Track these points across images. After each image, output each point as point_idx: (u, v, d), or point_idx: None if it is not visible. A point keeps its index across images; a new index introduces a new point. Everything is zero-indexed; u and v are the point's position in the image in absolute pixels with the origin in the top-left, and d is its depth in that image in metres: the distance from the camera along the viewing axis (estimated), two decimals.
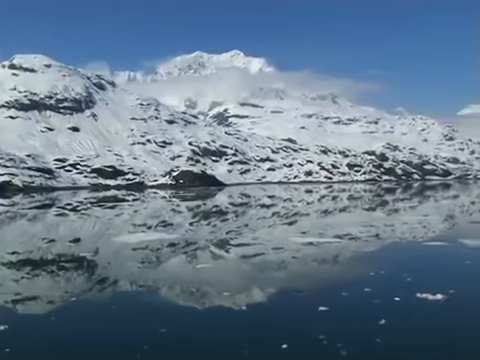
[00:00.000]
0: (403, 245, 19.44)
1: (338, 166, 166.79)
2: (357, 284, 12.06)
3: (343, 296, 10.93)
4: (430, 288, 10.97)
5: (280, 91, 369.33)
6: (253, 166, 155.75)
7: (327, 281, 12.85)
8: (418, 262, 15.53)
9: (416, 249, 18.32)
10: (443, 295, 10.52)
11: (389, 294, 10.82)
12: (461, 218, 31.63)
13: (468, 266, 14.40)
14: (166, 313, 10.29)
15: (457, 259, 15.64)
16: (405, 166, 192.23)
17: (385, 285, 11.99)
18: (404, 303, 10.29)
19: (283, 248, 18.15)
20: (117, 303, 10.84)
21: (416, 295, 10.66)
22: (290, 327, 9.09)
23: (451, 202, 51.17)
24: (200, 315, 10.04)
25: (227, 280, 13.22)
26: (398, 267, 14.35)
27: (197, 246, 19.66)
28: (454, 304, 10.15)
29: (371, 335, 8.47)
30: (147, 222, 29.54)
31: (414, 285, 11.63)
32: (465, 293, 11.07)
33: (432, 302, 10.25)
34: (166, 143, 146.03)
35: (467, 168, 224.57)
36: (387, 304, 10.25)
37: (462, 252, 16.91)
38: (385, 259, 16.41)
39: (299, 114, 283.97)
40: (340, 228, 24.89)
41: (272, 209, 41.41)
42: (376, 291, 11.23)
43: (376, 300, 10.53)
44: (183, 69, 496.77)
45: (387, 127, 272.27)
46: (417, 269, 14.12)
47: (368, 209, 41.64)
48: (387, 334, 8.51)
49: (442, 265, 14.97)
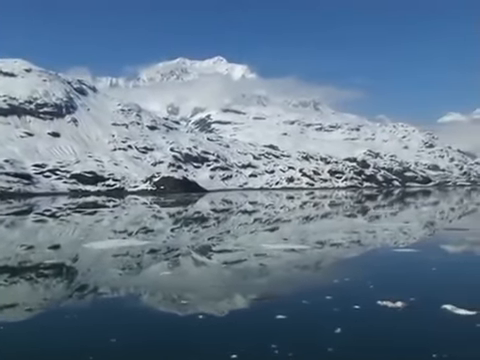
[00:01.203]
0: (376, 252, 19.34)
1: (320, 173, 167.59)
2: (320, 292, 11.90)
3: (303, 304, 10.77)
4: (392, 296, 10.83)
5: (262, 98, 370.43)
6: (235, 172, 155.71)
7: (293, 288, 12.64)
8: (385, 269, 15.43)
9: (387, 256, 18.20)
10: (403, 302, 10.41)
11: (350, 302, 10.67)
12: (439, 225, 31.58)
13: (433, 273, 14.33)
14: (138, 319, 10.09)
15: (424, 266, 15.54)
16: (386, 173, 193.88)
17: (348, 293, 11.84)
18: (363, 311, 10.15)
19: (263, 254, 17.92)
20: (96, 310, 10.72)
21: (377, 303, 10.51)
22: (242, 336, 8.91)
23: (431, 209, 51.48)
24: (165, 321, 9.79)
25: (198, 287, 13.01)
26: (365, 274, 14.18)
27: (178, 252, 19.38)
28: (412, 312, 10.02)
29: (323, 344, 8.27)
30: (128, 228, 29.12)
31: (376, 292, 11.48)
32: (424, 301, 10.94)
33: (391, 310, 10.12)
34: (147, 149, 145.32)
35: (447, 175, 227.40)
36: (345, 312, 10.10)
37: (431, 259, 16.86)
38: (354, 266, 16.25)
39: (281, 121, 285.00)
40: (321, 235, 24.74)
41: (254, 215, 41.14)
42: (337, 299, 11.08)
43: (335, 308, 10.35)
44: (165, 75, 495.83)
45: (368, 134, 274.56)
46: (383, 276, 14.06)
47: (349, 215, 41.61)
48: (339, 343, 8.33)
49: (408, 272, 14.75)
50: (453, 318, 9.58)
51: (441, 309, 10.03)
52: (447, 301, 10.30)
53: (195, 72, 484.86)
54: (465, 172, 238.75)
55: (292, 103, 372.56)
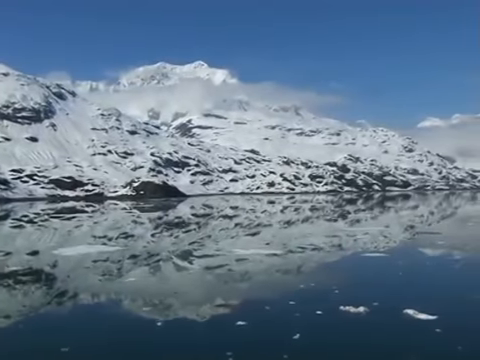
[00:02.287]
0: (349, 256, 19.36)
1: (300, 177, 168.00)
2: (286, 297, 11.81)
3: (266, 310, 10.71)
4: (355, 301, 10.78)
5: (244, 102, 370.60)
6: (216, 177, 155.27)
7: (259, 294, 12.59)
8: (354, 274, 15.43)
9: (359, 260, 18.25)
10: (365, 308, 10.36)
11: (313, 307, 10.62)
12: (415, 229, 31.81)
13: (399, 278, 14.36)
14: (114, 324, 10.13)
15: (392, 270, 15.60)
16: (366, 177, 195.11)
17: (313, 298, 11.80)
18: (324, 317, 10.10)
19: (237, 260, 17.92)
20: (71, 316, 10.73)
21: (339, 308, 10.45)
22: (199, 343, 8.84)
23: (410, 213, 51.78)
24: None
25: (165, 293, 12.93)
26: (333, 279, 14.15)
27: (159, 258, 19.35)
28: (373, 317, 9.98)
29: (279, 351, 8.19)
30: (108, 234, 29.04)
31: (341, 298, 11.42)
32: (387, 306, 10.92)
33: (353, 315, 10.05)
34: (128, 154, 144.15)
35: (426, 179, 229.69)
36: (306, 318, 10.04)
37: (400, 263, 16.94)
38: (324, 271, 16.30)
39: (262, 125, 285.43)
40: (300, 239, 24.80)
41: (235, 220, 41.12)
42: (301, 304, 11.03)
43: (297, 314, 10.29)
44: (146, 79, 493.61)
45: (349, 139, 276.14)
46: (350, 281, 14.01)
47: (330, 220, 41.75)
48: (295, 349, 8.27)
49: (376, 277, 14.86)
50: (413, 323, 9.56)
51: (402, 314, 10.01)
52: (409, 306, 10.29)
53: (176, 77, 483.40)
54: (444, 176, 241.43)
55: (273, 108, 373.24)
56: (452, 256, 18.18)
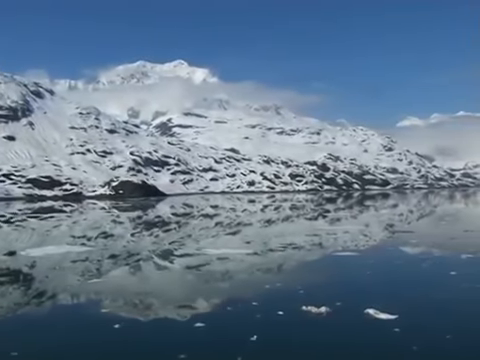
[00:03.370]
0: (321, 256, 19.41)
1: (280, 176, 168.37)
2: (249, 298, 11.73)
3: (226, 311, 10.64)
4: (318, 301, 10.70)
5: (224, 101, 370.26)
6: (196, 176, 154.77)
7: (223, 295, 12.49)
8: (321, 273, 15.37)
9: (329, 260, 18.28)
10: (327, 308, 10.30)
11: (275, 308, 10.53)
12: (391, 228, 31.91)
13: (365, 277, 14.36)
14: (90, 324, 10.08)
15: (360, 270, 15.60)
16: (346, 176, 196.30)
17: (276, 298, 11.72)
18: (284, 317, 10.00)
19: (207, 260, 17.84)
20: (52, 316, 10.68)
21: (301, 308, 10.35)
22: (153, 345, 8.71)
23: (389, 212, 52.04)
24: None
25: (126, 294, 12.73)
26: (300, 279, 14.12)
27: (139, 257, 19.24)
28: (333, 317, 9.91)
29: (233, 353, 8.06)
30: (87, 233, 28.84)
31: (304, 298, 11.34)
32: (349, 305, 10.83)
33: (313, 315, 10.00)
34: (107, 153, 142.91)
35: (405, 178, 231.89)
36: (266, 319, 9.96)
37: (369, 262, 16.99)
38: (293, 271, 16.26)
39: (243, 124, 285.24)
40: (277, 239, 24.82)
41: (215, 219, 41.09)
42: (263, 305, 10.96)
43: (258, 315, 10.21)
44: (126, 78, 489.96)
45: (329, 138, 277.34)
46: (316, 281, 13.96)
47: (310, 218, 41.81)
48: (251, 351, 8.19)
49: (342, 276, 14.76)
50: (372, 323, 9.53)
51: (363, 314, 9.96)
52: (371, 305, 10.26)
53: (156, 75, 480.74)
54: (423, 175, 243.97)
55: (254, 107, 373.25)
56: (421, 255, 18.30)
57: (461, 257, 17.46)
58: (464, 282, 13.08)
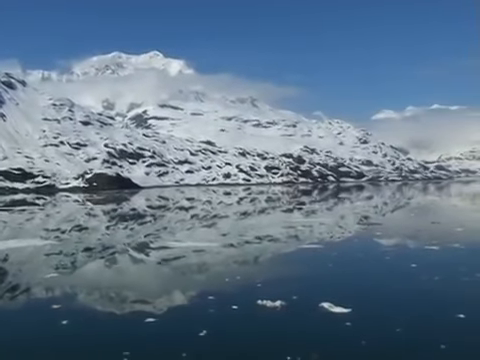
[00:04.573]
0: (287, 248, 19.33)
1: (256, 168, 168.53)
2: (208, 292, 11.57)
3: (179, 306, 10.57)
4: (275, 295, 10.57)
5: (200, 93, 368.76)
6: (171, 168, 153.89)
7: (183, 289, 12.33)
8: (283, 267, 15.29)
9: (295, 252, 18.19)
10: (283, 301, 10.18)
11: (230, 302, 10.40)
12: (362, 220, 32.03)
13: (326, 270, 14.27)
14: (61, 317, 9.78)
15: (323, 262, 15.53)
16: (321, 168, 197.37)
17: (233, 292, 11.61)
18: (238, 311, 9.89)
19: (172, 254, 17.70)
20: (25, 310, 10.59)
21: (256, 302, 10.23)
22: (102, 342, 8.60)
23: (362, 204, 52.35)
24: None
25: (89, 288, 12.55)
26: (260, 272, 14.08)
27: (114, 250, 19.10)
28: (287, 311, 9.80)
29: (180, 348, 7.95)
30: (61, 226, 28.65)
31: (261, 291, 11.21)
32: (305, 299, 10.74)
33: (268, 309, 9.88)
34: (80, 145, 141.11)
35: (379, 170, 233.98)
36: (219, 313, 9.83)
37: (332, 255, 16.94)
38: (255, 264, 16.15)
39: (219, 117, 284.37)
40: (255, 231, 24.81)
41: (191, 211, 41.00)
42: (219, 299, 10.84)
43: (211, 309, 10.06)
44: (100, 69, 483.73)
45: (305, 130, 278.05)
46: (276, 274, 13.82)
47: (285, 211, 41.91)
48: (198, 346, 8.07)
49: (303, 270, 14.63)
50: (325, 317, 9.46)
51: (318, 307, 9.88)
52: (326, 299, 10.17)
53: (131, 67, 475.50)
54: (397, 167, 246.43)
55: (230, 99, 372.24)
56: (385, 247, 18.27)
57: (424, 249, 17.61)
58: (423, 274, 13.09)
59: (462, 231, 22.87)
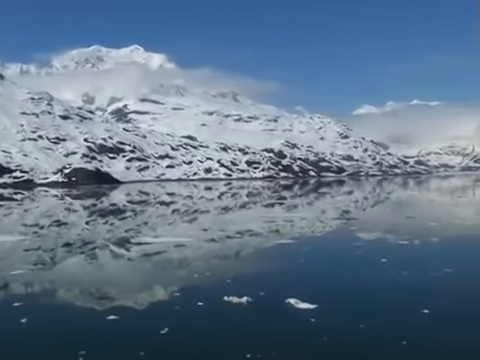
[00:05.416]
0: (262, 244, 19.17)
1: (237, 163, 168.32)
2: (174, 288, 11.50)
3: (146, 302, 10.41)
4: (242, 291, 10.44)
5: (181, 88, 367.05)
6: (152, 163, 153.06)
7: (149, 285, 12.13)
8: (254, 262, 15.22)
9: (268, 248, 18.06)
10: (249, 298, 10.05)
11: (196, 298, 10.26)
12: (338, 215, 31.97)
13: (297, 265, 14.12)
14: (41, 314, 9.80)
15: (294, 258, 15.34)
16: (302, 163, 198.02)
17: (200, 288, 11.47)
18: (203, 308, 9.74)
19: (148, 250, 17.55)
20: (3, 306, 10.41)
21: (223, 299, 10.08)
22: (56, 341, 8.39)
23: (344, 199, 52.49)
24: None
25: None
26: (231, 268, 13.95)
27: (92, 246, 18.89)
28: (253, 307, 9.68)
29: (140, 346, 7.80)
30: (39, 222, 28.36)
31: (229, 287, 11.08)
32: (272, 295, 10.59)
33: (233, 306, 9.74)
34: (60, 139, 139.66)
35: (360, 165, 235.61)
36: (183, 310, 9.69)
37: (305, 250, 16.79)
38: (227, 259, 15.93)
39: (200, 111, 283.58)
40: (235, 226, 24.71)
41: (172, 206, 40.87)
42: (185, 296, 10.73)
43: (176, 306, 9.96)
44: (80, 63, 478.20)
45: (286, 125, 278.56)
46: (246, 270, 13.69)
47: (266, 206, 41.85)
48: (160, 344, 7.94)
49: (273, 265, 14.43)
50: (291, 312, 9.36)
51: (284, 303, 9.78)
52: (293, 295, 10.06)
53: (111, 60, 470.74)
54: (377, 162, 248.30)
55: (211, 94, 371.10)
56: (358, 242, 18.16)
57: (396, 244, 17.65)
58: (392, 269, 13.04)
59: (435, 226, 22.97)
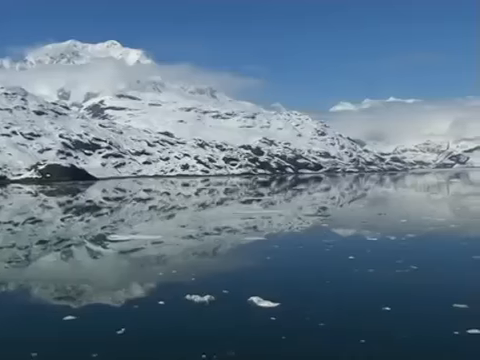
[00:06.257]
0: (232, 241, 18.99)
1: (215, 160, 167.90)
2: (134, 287, 11.34)
3: (106, 302, 10.16)
4: (206, 289, 10.30)
5: (158, 84, 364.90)
6: (128, 159, 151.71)
7: (112, 285, 11.90)
8: (222, 259, 15.12)
9: (238, 245, 17.93)
10: (212, 296, 9.88)
11: (158, 297, 10.09)
12: (314, 211, 31.97)
13: (263, 263, 13.92)
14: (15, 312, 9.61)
15: (260, 256, 15.08)
16: (280, 160, 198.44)
17: (163, 287, 11.30)
18: (163, 307, 9.58)
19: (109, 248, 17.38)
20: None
21: (184, 297, 9.91)
22: (13, 337, 8.30)
23: (321, 195, 52.59)
24: None
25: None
26: (198, 266, 13.79)
27: (69, 243, 18.64)
28: (214, 306, 9.53)
29: (95, 347, 7.61)
30: (13, 219, 27.89)
31: (192, 286, 10.91)
32: (235, 293, 10.42)
33: (195, 304, 9.59)
34: (34, 135, 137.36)
35: (337, 162, 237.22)
36: (143, 309, 9.52)
37: (272, 248, 16.61)
38: (195, 257, 15.70)
39: (177, 107, 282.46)
40: (209, 223, 24.57)
41: (149, 203, 40.74)
42: (147, 294, 10.61)
43: (135, 305, 9.76)
44: (55, 58, 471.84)
45: (264, 122, 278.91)
46: (213, 267, 13.56)
47: (244, 202, 41.72)
48: (114, 345, 7.76)
49: (241, 262, 14.26)
50: (252, 311, 9.24)
51: (246, 302, 9.64)
52: (256, 293, 9.92)
53: (87, 56, 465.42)
54: (354, 159, 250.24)
55: (189, 90, 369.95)
56: (327, 239, 18.07)
57: (365, 240, 17.63)
58: (358, 266, 12.95)
59: (405, 222, 23.10)
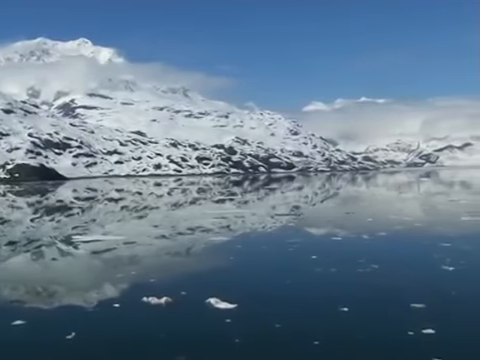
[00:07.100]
0: (199, 241, 18.72)
1: (187, 159, 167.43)
2: (89, 289, 11.04)
3: (58, 306, 9.85)
4: (163, 290, 10.10)
5: (130, 83, 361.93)
6: (100, 159, 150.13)
7: (69, 286, 11.57)
8: (184, 260, 14.93)
9: (202, 245, 17.67)
10: (169, 298, 9.67)
11: (112, 300, 9.86)
12: (282, 210, 31.85)
13: (224, 264, 13.74)
14: None
15: (223, 256, 14.90)
16: (252, 159, 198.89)
17: (119, 289, 11.06)
18: (118, 310, 9.32)
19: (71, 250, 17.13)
20: None
21: (141, 299, 9.67)
22: None
23: (293, 194, 52.70)
24: None
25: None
26: (158, 267, 13.56)
27: (39, 243, 18.29)
28: (171, 308, 9.35)
29: (47, 354, 7.44)
30: None
31: (150, 288, 10.65)
32: (193, 295, 10.22)
33: (151, 306, 9.38)
34: (2, 134, 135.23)
35: (309, 161, 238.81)
36: (96, 313, 9.27)
37: (236, 248, 16.47)
38: (157, 257, 15.44)
39: (150, 107, 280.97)
40: (183, 222, 24.35)
41: (121, 203, 40.41)
42: (102, 297, 10.34)
43: (88, 309, 9.50)
44: (25, 55, 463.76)
45: (237, 121, 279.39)
46: (174, 268, 13.34)
47: (216, 201, 41.63)
48: (66, 350, 7.56)
49: (201, 264, 14.02)
50: (208, 313, 9.08)
51: (204, 303, 9.48)
52: (215, 294, 9.74)
53: (58, 54, 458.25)
54: (326, 158, 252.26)
55: (161, 89, 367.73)
56: (291, 239, 17.81)
57: (330, 240, 17.62)
58: (320, 266, 12.82)
59: (371, 221, 23.27)
